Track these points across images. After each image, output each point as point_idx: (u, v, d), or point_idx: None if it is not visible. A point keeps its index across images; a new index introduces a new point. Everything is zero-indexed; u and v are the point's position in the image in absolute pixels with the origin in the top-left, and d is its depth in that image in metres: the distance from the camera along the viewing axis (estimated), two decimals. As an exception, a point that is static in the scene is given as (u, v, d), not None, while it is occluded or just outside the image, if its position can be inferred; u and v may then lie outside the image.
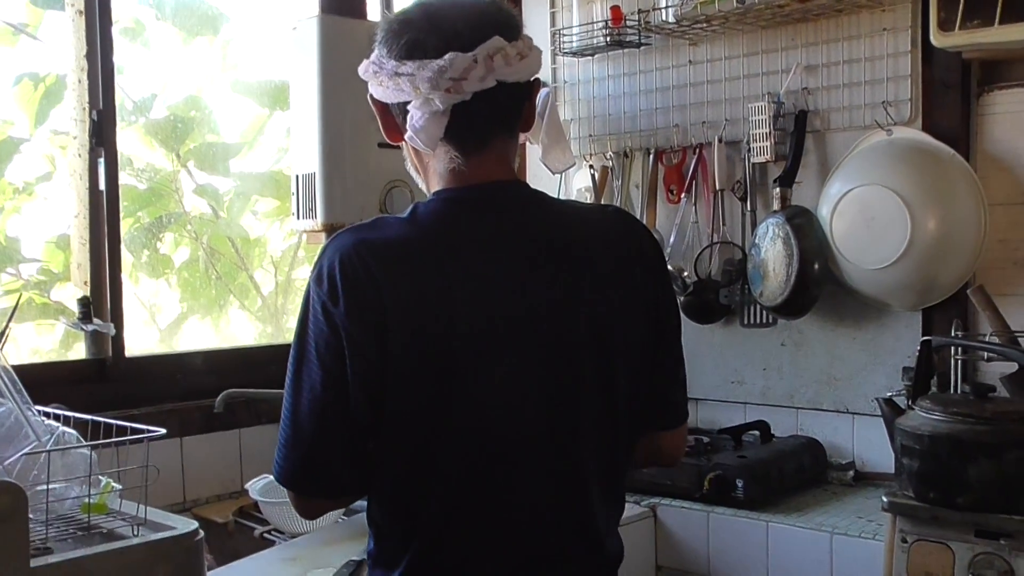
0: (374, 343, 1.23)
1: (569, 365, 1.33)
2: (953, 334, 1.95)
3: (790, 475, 2.16)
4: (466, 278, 1.26)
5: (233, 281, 2.92)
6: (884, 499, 1.64)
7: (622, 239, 1.41)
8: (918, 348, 1.75)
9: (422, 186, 1.37)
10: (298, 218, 2.32)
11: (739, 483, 2.04)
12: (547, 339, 1.31)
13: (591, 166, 2.70)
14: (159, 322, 2.73)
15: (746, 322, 2.45)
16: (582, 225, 1.37)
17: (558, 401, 1.33)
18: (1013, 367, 1.88)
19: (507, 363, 1.29)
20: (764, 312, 2.40)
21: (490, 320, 1.27)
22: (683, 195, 2.54)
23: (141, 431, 1.44)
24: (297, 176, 2.31)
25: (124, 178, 2.34)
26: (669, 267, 2.43)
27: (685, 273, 2.48)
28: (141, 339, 2.56)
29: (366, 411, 1.25)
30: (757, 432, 2.35)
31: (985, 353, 1.90)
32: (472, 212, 1.29)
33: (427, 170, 1.34)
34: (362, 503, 1.43)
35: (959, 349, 1.99)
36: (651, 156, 2.60)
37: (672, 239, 2.53)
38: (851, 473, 2.25)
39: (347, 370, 1.23)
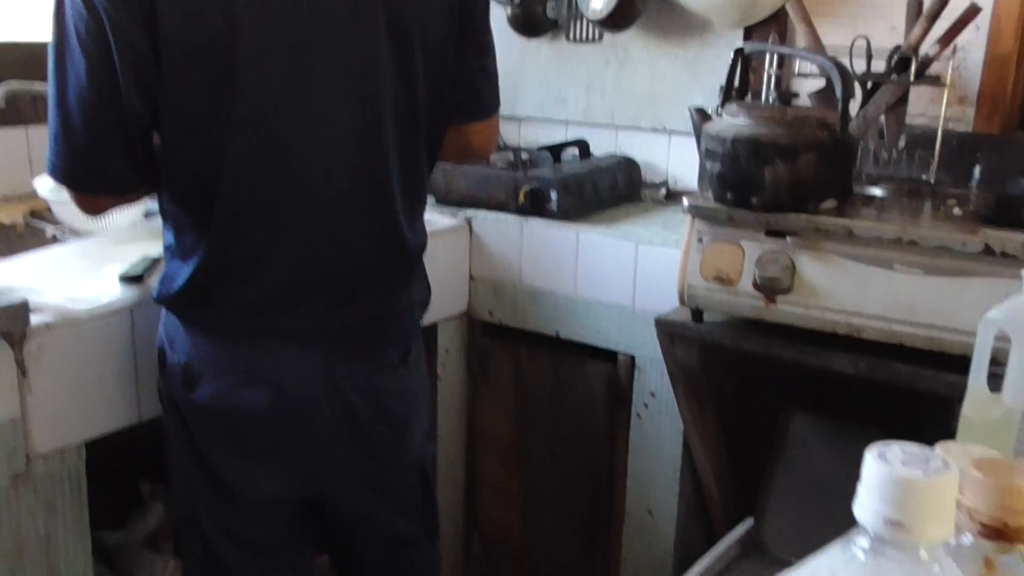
0: (141, 27, 1.11)
1: (365, 52, 1.27)
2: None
3: (604, 191, 2.19)
4: None
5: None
6: (685, 202, 1.68)
7: None
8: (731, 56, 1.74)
9: None
10: None
11: (553, 195, 2.05)
12: (339, 25, 1.24)
13: None
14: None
15: (572, 37, 2.39)
16: None
17: (353, 88, 1.28)
18: (823, 84, 1.91)
19: (296, 48, 1.21)
20: (590, 27, 2.34)
21: (275, 5, 1.18)
22: (516, -100, 2.39)
23: None
24: None
25: None
26: (497, -24, 2.32)
27: (513, -17, 2.37)
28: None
29: (139, 103, 1.16)
30: (576, 150, 2.35)
31: (796, 64, 1.92)
32: None
33: None
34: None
35: (773, 63, 2.01)
36: None
37: (502, -53, 2.39)
38: (663, 191, 2.30)
39: (114, 58, 1.12)
